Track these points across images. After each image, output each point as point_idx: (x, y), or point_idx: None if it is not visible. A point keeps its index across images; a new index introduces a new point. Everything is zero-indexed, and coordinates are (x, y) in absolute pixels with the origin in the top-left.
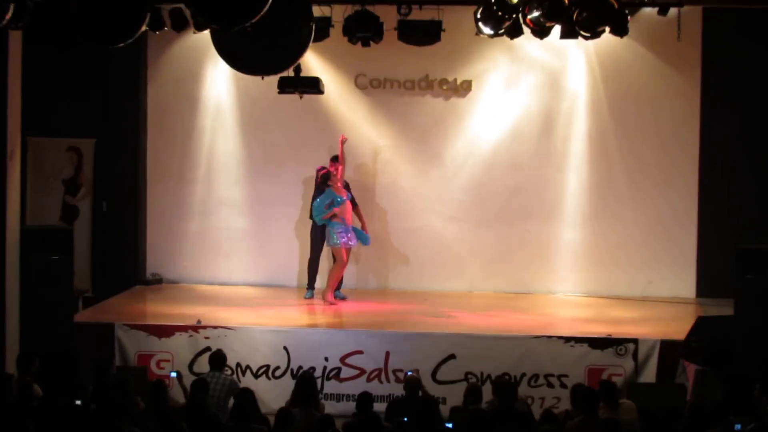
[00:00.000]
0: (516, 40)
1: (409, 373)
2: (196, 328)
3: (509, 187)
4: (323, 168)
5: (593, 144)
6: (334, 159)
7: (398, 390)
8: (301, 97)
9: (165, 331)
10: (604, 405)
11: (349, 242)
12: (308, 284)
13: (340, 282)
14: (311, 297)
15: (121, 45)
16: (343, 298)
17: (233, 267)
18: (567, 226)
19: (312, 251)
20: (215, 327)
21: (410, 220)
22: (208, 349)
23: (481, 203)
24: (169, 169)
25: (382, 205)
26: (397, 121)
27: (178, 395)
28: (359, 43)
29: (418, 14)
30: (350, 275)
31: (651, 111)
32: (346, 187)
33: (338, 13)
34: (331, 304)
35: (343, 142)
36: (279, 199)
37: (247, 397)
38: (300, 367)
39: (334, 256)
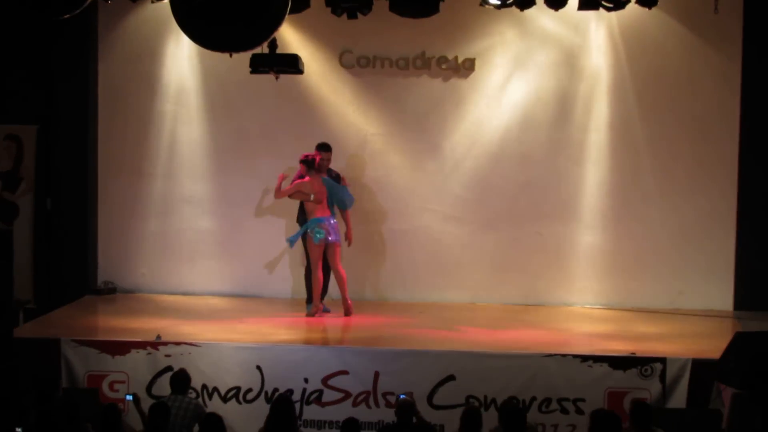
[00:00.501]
0: (527, 12)
1: (402, 397)
2: (156, 344)
3: (518, 182)
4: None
5: (616, 133)
6: (326, 147)
7: (389, 416)
8: (277, 78)
9: (119, 348)
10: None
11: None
12: (308, 298)
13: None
14: (313, 314)
15: (67, 16)
16: (327, 311)
17: (198, 274)
18: (585, 227)
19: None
20: (177, 343)
21: (404, 221)
22: (169, 368)
23: (486, 201)
24: (124, 162)
25: (371, 203)
26: (388, 106)
27: (134, 421)
28: (345, 15)
29: None
30: (333, 284)
31: (683, 95)
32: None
33: None
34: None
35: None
36: (251, 196)
37: (215, 423)
38: (275, 390)
39: (337, 258)
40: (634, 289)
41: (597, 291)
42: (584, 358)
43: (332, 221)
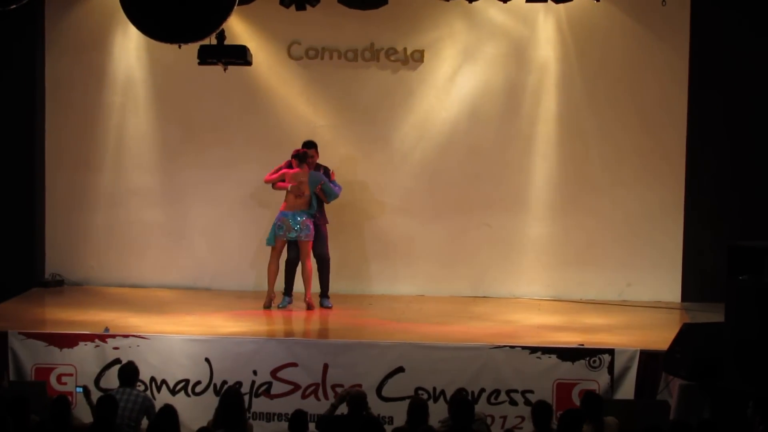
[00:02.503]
0: (475, 4)
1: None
2: (104, 337)
3: (467, 174)
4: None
5: (564, 125)
6: (309, 145)
7: (338, 408)
8: (225, 69)
9: (67, 341)
10: (588, 422)
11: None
12: (285, 289)
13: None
14: (287, 305)
15: (13, 6)
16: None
17: (147, 266)
18: (533, 219)
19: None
20: (126, 336)
21: (352, 213)
22: (117, 361)
23: (434, 193)
24: (71, 153)
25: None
26: (337, 98)
27: (84, 414)
28: (293, 6)
29: None
30: (281, 277)
31: (631, 87)
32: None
33: None
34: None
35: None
36: (200, 188)
37: (169, 415)
38: (224, 382)
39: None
40: (582, 280)
41: (545, 283)
42: (533, 350)
43: (301, 218)
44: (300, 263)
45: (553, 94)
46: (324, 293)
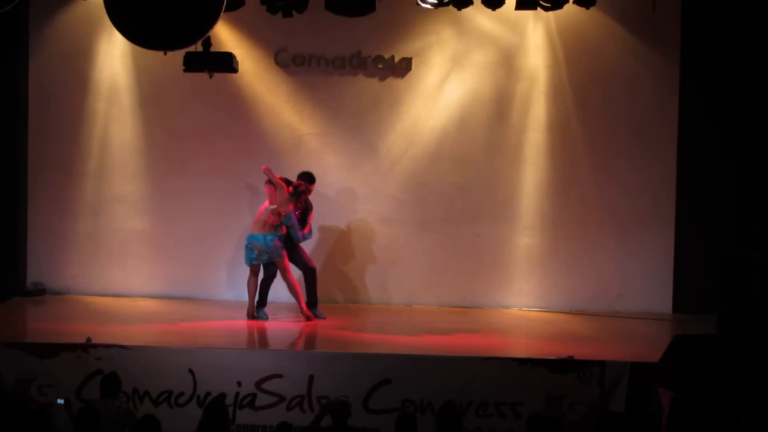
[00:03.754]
0: (464, 11)
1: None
2: (86, 347)
3: (455, 183)
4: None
5: (554, 134)
6: (312, 178)
7: (323, 420)
8: (211, 77)
9: (48, 351)
10: None
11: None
12: (260, 303)
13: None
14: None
15: (7, 8)
16: (262, 318)
17: (130, 275)
18: (523, 229)
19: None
20: (108, 346)
21: (339, 222)
22: (99, 371)
23: (422, 202)
24: (55, 160)
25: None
26: (324, 106)
27: (65, 426)
28: (280, 13)
29: None
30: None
31: (622, 95)
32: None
33: None
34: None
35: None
36: (185, 196)
37: (151, 426)
38: (208, 394)
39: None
40: (572, 291)
41: (535, 293)
42: (522, 362)
43: (270, 239)
44: (283, 280)
45: (543, 102)
46: (312, 303)
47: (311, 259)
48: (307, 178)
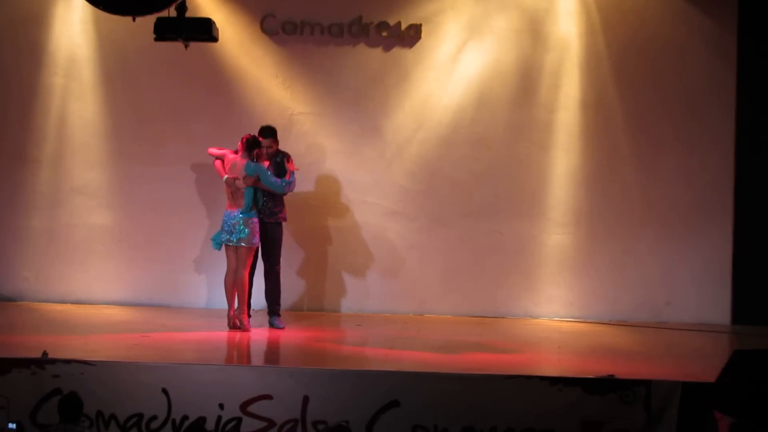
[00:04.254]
0: None
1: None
2: (42, 362)
3: (474, 171)
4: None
5: (589, 113)
6: (266, 132)
7: None
8: (186, 47)
9: None
10: None
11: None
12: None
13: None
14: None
15: None
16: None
17: (93, 279)
18: (553, 225)
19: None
20: (67, 361)
21: (338, 217)
22: (57, 391)
23: (435, 194)
24: (3, 145)
25: (298, 196)
26: (319, 80)
27: None
28: None
29: None
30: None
31: (669, 68)
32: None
33: None
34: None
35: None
36: (156, 187)
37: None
38: (185, 418)
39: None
40: (611, 298)
41: (568, 301)
42: (553, 381)
43: (236, 214)
44: (236, 273)
45: (576, 76)
46: (274, 310)
47: (280, 256)
48: (261, 131)
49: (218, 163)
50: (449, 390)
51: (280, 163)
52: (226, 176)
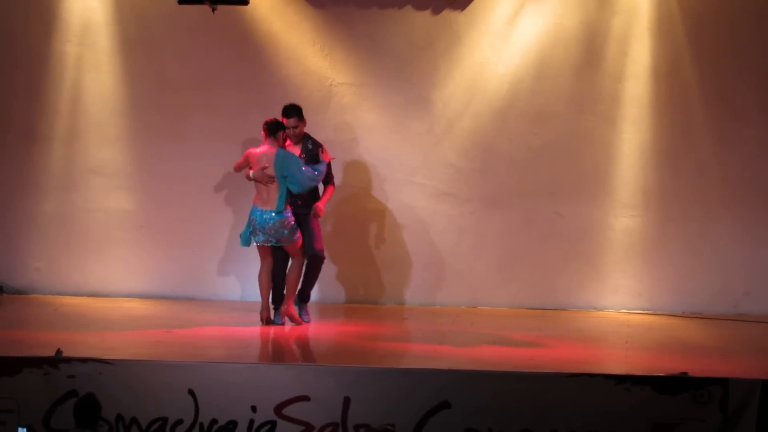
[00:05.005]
0: None
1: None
2: (56, 361)
3: (532, 148)
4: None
5: (661, 82)
6: (288, 111)
7: None
8: (213, 10)
9: (7, 367)
10: None
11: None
12: (275, 302)
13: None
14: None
15: None
16: (276, 323)
17: (110, 269)
18: (620, 208)
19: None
20: (84, 360)
21: (382, 199)
22: (73, 393)
23: (489, 173)
24: (12, 121)
25: (337, 176)
26: (360, 48)
27: None
28: None
29: None
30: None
31: (751, 33)
32: None
33: None
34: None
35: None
36: (181, 166)
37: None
38: (213, 422)
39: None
40: (685, 288)
41: (636, 291)
42: (620, 380)
43: (269, 215)
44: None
45: (646, 41)
46: (302, 298)
47: (322, 240)
48: (284, 111)
49: (246, 171)
50: (505, 390)
51: (312, 150)
52: (253, 172)
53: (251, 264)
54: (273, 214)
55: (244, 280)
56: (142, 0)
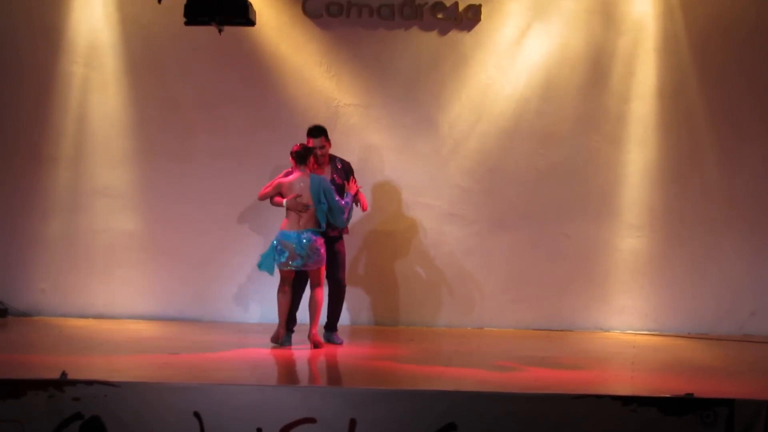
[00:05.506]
0: None
1: None
2: (60, 384)
3: (538, 168)
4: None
5: (667, 103)
6: (314, 132)
7: None
8: (220, 31)
9: (11, 390)
10: None
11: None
12: (288, 323)
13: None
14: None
15: None
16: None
17: (116, 291)
18: (626, 228)
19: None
20: (89, 382)
21: (388, 220)
22: (78, 416)
23: (496, 194)
24: (18, 142)
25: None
26: (367, 68)
27: None
28: None
29: None
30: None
31: (757, 52)
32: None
33: None
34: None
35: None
36: (188, 187)
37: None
38: None
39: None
40: (691, 309)
41: (642, 312)
42: (626, 401)
43: (308, 240)
44: (311, 292)
45: (652, 61)
46: (332, 326)
47: (345, 269)
48: (309, 132)
49: (277, 199)
50: (511, 411)
51: (343, 169)
52: (287, 200)
53: (257, 285)
54: (310, 234)
55: (249, 301)
56: (149, 21)
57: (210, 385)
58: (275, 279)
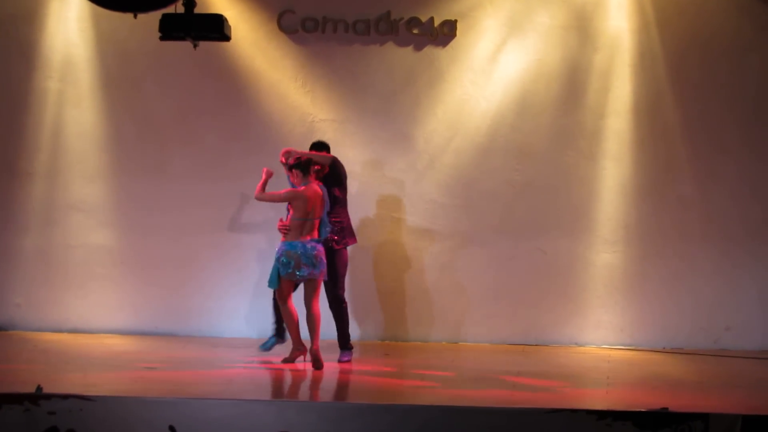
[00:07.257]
0: None
1: None
2: (35, 398)
3: (514, 184)
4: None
5: (642, 118)
6: (320, 147)
7: None
8: (195, 46)
9: None
10: None
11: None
12: (276, 330)
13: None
14: (293, 359)
15: None
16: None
17: (92, 306)
18: (602, 243)
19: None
20: (65, 396)
21: (364, 235)
22: (53, 430)
23: (472, 209)
24: None
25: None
26: (342, 84)
27: None
28: None
29: None
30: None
31: (732, 68)
32: None
33: None
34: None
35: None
36: (164, 202)
37: None
38: None
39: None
40: (666, 323)
41: (618, 326)
42: (601, 415)
43: (311, 247)
44: (305, 305)
45: (628, 77)
46: (345, 344)
47: (344, 284)
48: (315, 146)
49: (295, 203)
50: (487, 425)
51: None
52: (303, 211)
53: (233, 301)
54: (314, 243)
55: (225, 316)
56: (124, 36)
57: (185, 399)
58: (250, 294)
